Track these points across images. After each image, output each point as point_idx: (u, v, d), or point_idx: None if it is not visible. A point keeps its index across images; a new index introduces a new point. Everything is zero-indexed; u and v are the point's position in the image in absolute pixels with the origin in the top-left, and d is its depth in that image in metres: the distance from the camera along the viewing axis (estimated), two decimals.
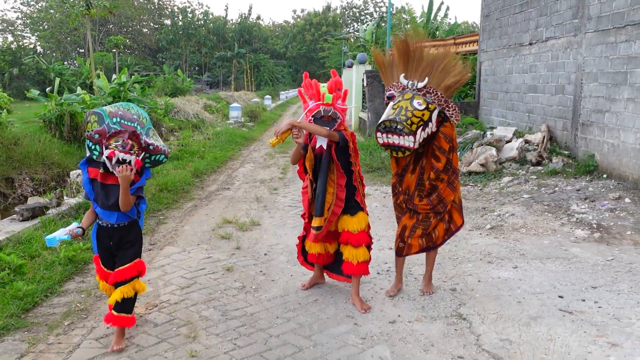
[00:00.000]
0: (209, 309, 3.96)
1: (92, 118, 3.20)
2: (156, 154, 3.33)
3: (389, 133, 3.71)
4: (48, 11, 59.57)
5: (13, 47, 47.86)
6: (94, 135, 3.17)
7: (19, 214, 5.63)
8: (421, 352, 3.27)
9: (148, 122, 3.31)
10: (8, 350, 3.36)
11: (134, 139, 3.18)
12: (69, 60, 62.45)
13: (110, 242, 3.37)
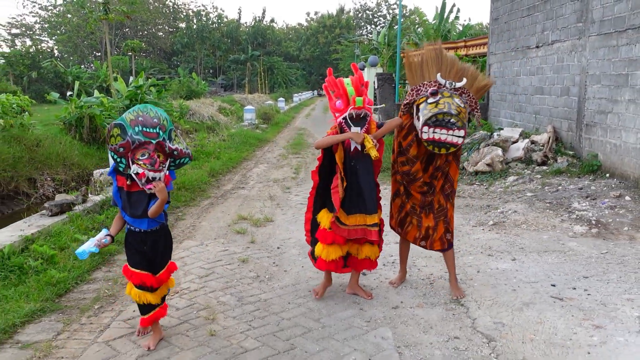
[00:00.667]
0: (226, 295, 4.29)
1: (115, 132, 3.14)
2: (180, 158, 3.31)
3: (437, 127, 3.69)
4: (65, 15, 60.59)
5: (32, 51, 48.80)
6: (118, 149, 3.11)
7: (48, 210, 6.02)
8: (420, 333, 3.56)
9: (169, 124, 3.25)
10: (46, 329, 3.72)
11: (159, 150, 3.17)
12: (86, 63, 63.50)
13: (144, 247, 3.36)
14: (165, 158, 3.21)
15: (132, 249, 3.38)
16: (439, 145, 3.75)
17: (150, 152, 3.13)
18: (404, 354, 3.30)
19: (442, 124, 3.67)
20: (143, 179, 3.14)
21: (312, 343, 3.46)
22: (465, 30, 28.67)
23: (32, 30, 63.09)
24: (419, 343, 3.43)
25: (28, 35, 62.66)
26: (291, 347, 3.41)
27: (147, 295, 3.35)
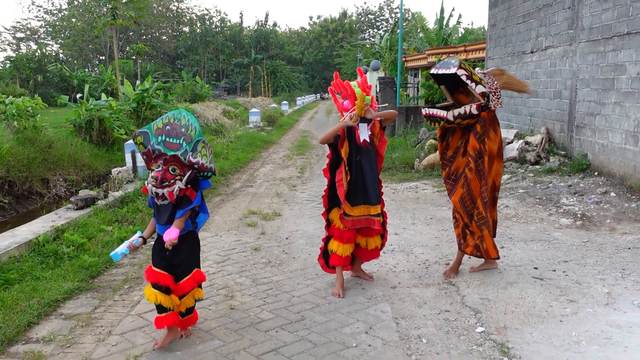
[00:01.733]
0: (241, 277, 4.78)
1: (138, 140, 3.24)
2: (202, 172, 3.31)
3: (439, 68, 4.20)
4: (70, 20, 61.27)
5: (37, 54, 49.39)
6: (143, 156, 3.26)
7: (73, 204, 6.51)
8: (415, 308, 4.04)
9: (197, 134, 3.23)
10: (84, 304, 4.21)
11: (173, 162, 3.20)
12: (90, 67, 64.17)
13: (167, 253, 3.36)
14: (184, 168, 3.23)
15: (156, 252, 3.43)
16: (430, 119, 4.30)
17: (163, 166, 3.19)
18: (401, 324, 3.77)
19: (441, 65, 4.21)
20: (148, 194, 3.27)
21: (319, 315, 3.94)
22: (466, 35, 29.15)
23: (37, 34, 63.77)
24: (414, 315, 3.91)
25: (33, 39, 63.34)
26: (302, 318, 3.89)
27: (159, 296, 3.33)
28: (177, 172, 3.21)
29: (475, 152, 4.26)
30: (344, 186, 4.14)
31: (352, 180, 4.20)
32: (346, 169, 4.14)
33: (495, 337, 3.51)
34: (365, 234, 4.40)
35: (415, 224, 6.47)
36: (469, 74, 4.14)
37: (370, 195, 4.22)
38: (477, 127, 4.25)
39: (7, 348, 3.48)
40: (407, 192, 8.46)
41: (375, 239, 4.47)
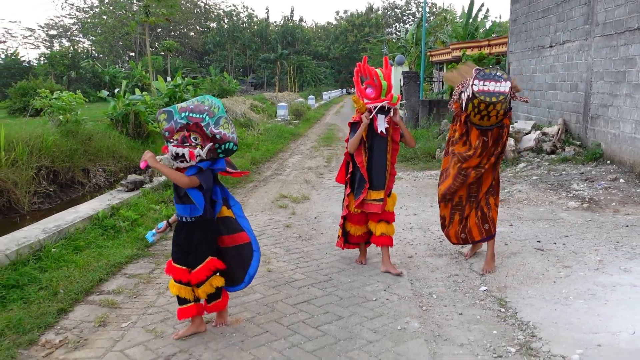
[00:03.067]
0: (276, 247, 5.43)
1: (161, 117, 3.26)
2: (224, 143, 3.26)
3: (487, 80, 4.13)
4: (101, 17, 62.84)
5: (70, 51, 50.92)
6: (164, 133, 3.22)
7: (124, 186, 7.26)
8: (428, 272, 4.63)
9: (220, 111, 3.26)
10: (143, 267, 4.92)
11: (196, 130, 3.20)
12: (120, 63, 65.76)
13: (179, 237, 3.44)
14: (205, 140, 3.22)
15: (175, 237, 3.48)
16: (489, 95, 4.10)
17: (185, 133, 3.20)
18: (415, 284, 4.37)
19: (490, 77, 4.15)
20: (168, 154, 3.26)
21: (344, 277, 4.56)
22: (493, 28, 29.28)
23: (69, 32, 65.55)
24: (426, 278, 4.50)
25: (66, 36, 65.12)
26: (329, 279, 4.52)
27: (180, 289, 3.42)
28: (198, 141, 3.21)
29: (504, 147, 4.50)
30: (363, 165, 4.42)
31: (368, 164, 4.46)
32: (365, 150, 4.43)
33: (496, 294, 4.09)
34: (371, 219, 4.63)
35: (433, 207, 7.03)
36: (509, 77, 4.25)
37: (374, 180, 4.46)
38: (507, 121, 4.40)
39: (85, 297, 4.19)
40: (427, 180, 9.01)
41: (380, 225, 4.58)
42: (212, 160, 3.33)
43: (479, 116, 4.23)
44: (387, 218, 4.59)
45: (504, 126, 4.36)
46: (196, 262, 3.42)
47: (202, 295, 3.47)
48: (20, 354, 3.31)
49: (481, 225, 4.62)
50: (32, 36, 74.00)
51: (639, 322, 3.42)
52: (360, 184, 4.48)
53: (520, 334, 3.44)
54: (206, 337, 3.49)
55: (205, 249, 3.44)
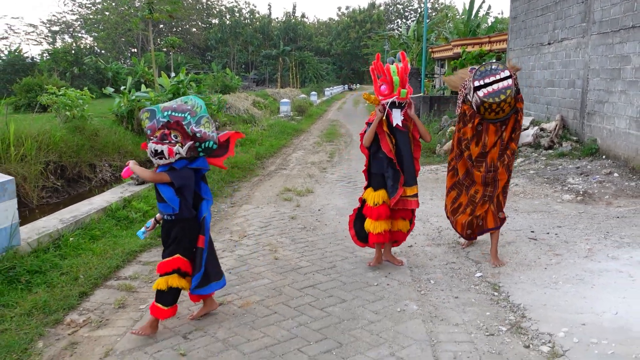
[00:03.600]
0: (282, 237, 5.69)
1: (144, 115, 3.30)
2: (205, 141, 3.31)
3: (485, 77, 4.23)
4: (104, 13, 63.00)
5: (73, 47, 51.11)
6: (147, 131, 3.27)
7: (135, 180, 7.51)
8: (427, 260, 4.89)
9: (202, 111, 3.32)
10: (156, 255, 5.15)
11: (177, 128, 3.23)
12: (122, 59, 65.96)
13: (162, 234, 3.55)
14: (185, 138, 3.27)
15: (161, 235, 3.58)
16: (496, 94, 4.20)
17: (165, 130, 3.22)
18: (414, 271, 4.63)
19: (487, 73, 4.23)
20: (148, 150, 3.27)
21: (347, 265, 4.82)
22: (495, 25, 29.44)
23: (72, 28, 65.69)
24: (425, 265, 4.76)
25: (68, 32, 65.25)
26: (333, 266, 4.78)
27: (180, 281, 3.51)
28: (178, 139, 3.24)
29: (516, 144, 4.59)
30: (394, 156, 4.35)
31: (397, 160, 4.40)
32: (392, 142, 4.38)
33: (490, 279, 4.35)
34: (391, 216, 4.56)
35: (433, 199, 7.29)
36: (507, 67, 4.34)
37: (406, 177, 4.41)
38: (520, 104, 4.45)
39: (104, 282, 4.46)
40: (427, 174, 9.26)
41: (400, 222, 4.62)
42: (190, 160, 3.36)
43: (493, 113, 4.34)
44: (405, 215, 4.63)
45: (518, 110, 4.45)
46: (165, 254, 3.50)
47: (154, 287, 3.48)
48: (47, 331, 3.58)
49: (496, 214, 4.65)
50: (34, 32, 74.41)
51: (622, 304, 3.68)
52: (395, 180, 4.39)
53: (511, 315, 3.70)
54: (219, 317, 3.76)
55: (176, 246, 3.47)
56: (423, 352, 3.23)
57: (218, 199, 7.71)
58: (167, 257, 3.45)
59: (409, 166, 4.42)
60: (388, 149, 4.35)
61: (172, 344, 3.39)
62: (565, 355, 3.10)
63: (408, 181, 4.41)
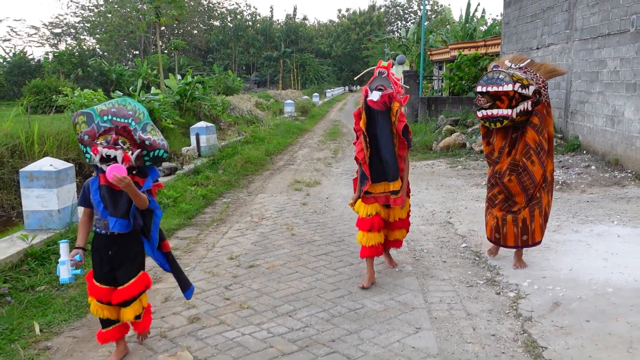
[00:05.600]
0: (296, 219, 6.57)
1: (79, 119, 3.01)
2: (154, 150, 3.07)
3: (488, 85, 4.13)
4: (106, 15, 63.83)
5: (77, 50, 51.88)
6: (83, 137, 2.99)
7: (161, 171, 8.40)
8: (421, 236, 5.76)
9: (146, 118, 3.08)
10: (190, 233, 6.07)
11: (123, 134, 3.01)
12: (124, 61, 66.79)
13: (109, 252, 3.14)
14: (133, 145, 3.03)
15: (97, 255, 3.16)
16: (491, 120, 4.23)
17: (113, 136, 2.99)
18: (410, 243, 5.50)
19: (491, 82, 4.14)
20: (96, 157, 2.96)
21: (354, 239, 5.64)
22: (491, 29, 30.32)
23: (75, 29, 66.43)
24: (419, 239, 5.64)
25: (70, 34, 65.95)
26: (342, 240, 5.66)
27: (105, 310, 3.14)
28: (127, 146, 3.02)
29: (536, 144, 4.25)
30: (366, 161, 4.23)
31: (372, 156, 4.25)
32: (366, 141, 4.21)
33: (473, 249, 5.23)
34: (388, 227, 4.51)
35: (428, 189, 8.17)
36: (522, 84, 4.10)
37: (388, 171, 4.25)
38: (535, 119, 4.26)
39: None
40: (424, 168, 10.15)
41: (396, 232, 4.58)
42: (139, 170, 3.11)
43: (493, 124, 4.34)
44: (401, 226, 4.58)
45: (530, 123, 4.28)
46: (128, 276, 3.16)
47: (130, 317, 3.19)
48: None
49: (519, 236, 4.45)
50: (36, 34, 75.27)
51: (577, 264, 4.56)
52: (362, 181, 4.33)
53: (488, 273, 4.58)
54: (252, 274, 4.64)
55: (142, 260, 3.27)
56: (416, 297, 4.11)
57: (235, 189, 8.61)
58: (135, 277, 3.17)
59: (392, 161, 4.24)
60: (360, 148, 4.26)
61: (217, 292, 4.27)
62: (527, 298, 3.98)
63: (389, 176, 4.26)
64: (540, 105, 4.29)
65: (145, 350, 3.36)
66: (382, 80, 4.21)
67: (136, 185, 3.00)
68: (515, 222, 4.43)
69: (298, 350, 3.32)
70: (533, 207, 4.39)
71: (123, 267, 3.14)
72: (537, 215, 4.40)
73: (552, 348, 3.22)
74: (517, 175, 4.31)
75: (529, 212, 4.40)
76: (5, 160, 9.97)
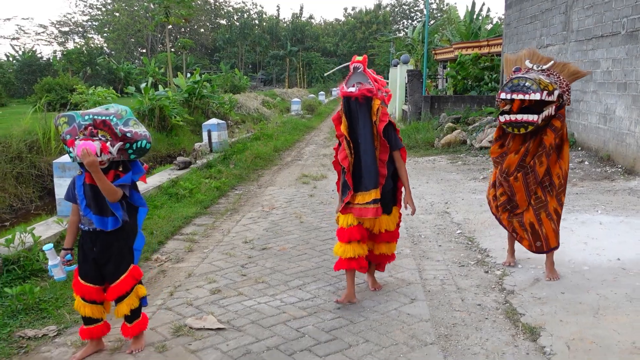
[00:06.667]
0: (304, 209, 7.06)
1: (61, 120, 3.05)
2: (136, 141, 3.05)
3: (513, 93, 3.88)
4: (114, 14, 64.46)
5: (85, 48, 52.48)
6: (65, 137, 2.99)
7: (176, 165, 8.93)
8: (420, 224, 6.24)
9: (128, 114, 3.10)
10: (206, 220, 6.57)
11: (104, 128, 2.99)
12: (131, 59, 67.47)
13: (93, 249, 3.13)
14: (114, 139, 3.01)
15: (82, 252, 3.16)
16: (515, 125, 3.98)
17: (93, 129, 2.98)
18: (409, 230, 5.98)
19: (516, 89, 3.87)
20: (73, 149, 2.95)
21: None
22: (495, 28, 30.70)
23: (82, 28, 67.07)
24: (418, 227, 6.12)
25: (77, 32, 66.57)
26: None
27: (87, 308, 3.15)
28: (108, 138, 3.00)
29: (550, 147, 4.08)
30: (350, 169, 3.84)
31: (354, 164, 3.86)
32: (350, 147, 3.80)
33: (467, 234, 5.70)
34: (372, 239, 4.07)
35: (429, 183, 8.64)
36: (548, 90, 3.89)
37: (369, 178, 3.79)
38: (557, 123, 4.07)
39: (172, 236, 5.85)
40: (426, 163, 10.62)
41: (382, 246, 4.11)
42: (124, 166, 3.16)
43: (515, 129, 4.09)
44: (391, 239, 4.14)
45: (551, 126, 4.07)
46: (118, 272, 3.17)
47: (127, 311, 3.20)
48: (141, 264, 4.95)
49: (532, 242, 4.31)
50: (44, 33, 76.01)
51: (559, 247, 5.02)
52: (344, 191, 3.96)
53: (478, 255, 5.05)
54: (265, 255, 5.14)
55: (127, 257, 3.22)
56: (412, 275, 4.59)
57: (246, 182, 9.12)
58: (125, 272, 3.18)
59: (369, 168, 3.79)
60: (344, 156, 3.86)
61: (234, 270, 4.77)
62: (511, 275, 4.46)
63: (366, 184, 3.79)
64: (562, 109, 4.11)
65: (174, 314, 3.86)
66: (359, 76, 3.81)
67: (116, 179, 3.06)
68: (524, 227, 4.29)
69: (308, 315, 3.81)
70: (538, 210, 4.22)
71: (110, 263, 3.14)
72: (544, 218, 4.21)
73: (529, 314, 3.70)
74: (523, 174, 4.16)
75: (534, 215, 4.23)
76: (24, 156, 10.54)
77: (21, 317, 3.81)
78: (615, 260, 4.64)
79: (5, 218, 8.91)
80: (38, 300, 4.00)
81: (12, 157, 10.26)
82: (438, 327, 3.59)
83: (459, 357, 3.20)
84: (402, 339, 3.43)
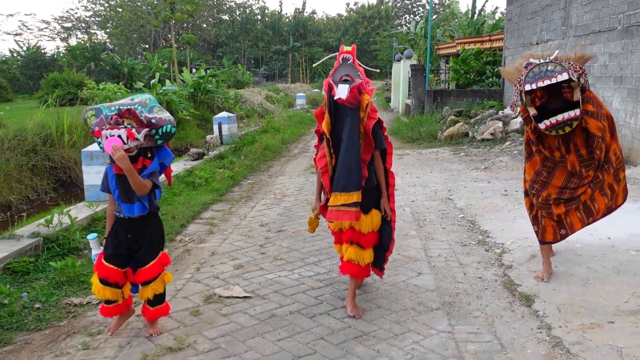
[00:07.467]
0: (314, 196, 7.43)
1: (89, 114, 3.17)
2: (162, 126, 3.14)
3: (538, 81, 3.54)
4: (117, 9, 64.72)
5: (89, 44, 52.79)
6: (94, 128, 3.11)
7: (190, 156, 9.32)
8: (424, 209, 6.62)
9: (152, 102, 3.21)
10: (223, 207, 6.97)
11: (129, 116, 3.09)
12: (134, 55, 67.75)
13: (127, 235, 3.28)
14: (140, 126, 3.11)
15: (116, 238, 3.28)
16: (559, 126, 3.65)
17: (118, 119, 3.09)
18: (414, 215, 6.36)
19: (539, 77, 3.56)
20: (101, 138, 3.08)
21: None
22: (498, 23, 30.96)
23: (86, 24, 67.34)
24: (423, 212, 6.50)
25: (82, 28, 66.87)
26: None
27: (107, 291, 3.24)
28: (133, 125, 3.11)
29: (601, 130, 3.77)
30: (327, 170, 3.46)
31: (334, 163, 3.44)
32: (330, 151, 3.42)
33: (469, 218, 6.09)
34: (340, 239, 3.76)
35: (432, 172, 9.02)
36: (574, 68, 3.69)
37: (350, 179, 3.33)
38: (589, 107, 3.76)
39: (192, 220, 6.24)
40: (429, 155, 10.99)
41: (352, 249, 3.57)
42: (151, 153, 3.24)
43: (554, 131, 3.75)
44: (359, 240, 3.57)
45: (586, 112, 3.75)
46: (149, 257, 3.31)
47: (150, 295, 3.33)
48: (166, 245, 5.35)
49: (585, 219, 4.12)
50: (47, 28, 76.24)
51: None
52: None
53: (480, 236, 5.44)
54: (281, 236, 5.53)
55: (158, 243, 3.37)
56: (418, 253, 4.98)
57: (257, 172, 9.52)
58: (154, 258, 3.32)
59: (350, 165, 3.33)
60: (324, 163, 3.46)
61: (254, 249, 5.17)
62: (509, 252, 4.84)
63: (347, 185, 3.34)
64: (588, 91, 3.82)
65: (203, 285, 4.26)
66: (348, 68, 3.43)
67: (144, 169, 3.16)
68: (578, 209, 4.08)
69: (324, 286, 4.21)
70: (594, 187, 3.99)
71: (142, 249, 3.29)
72: (597, 195, 4.02)
73: (525, 285, 4.09)
74: (594, 170, 3.91)
75: (590, 193, 4.01)
76: (39, 149, 10.93)
77: (65, 288, 4.22)
78: (605, 239, 5.03)
79: (22, 208, 9.31)
80: (78, 274, 4.40)
81: (27, 149, 10.64)
82: (442, 296, 3.99)
83: (461, 319, 3.59)
84: (410, 305, 3.83)
